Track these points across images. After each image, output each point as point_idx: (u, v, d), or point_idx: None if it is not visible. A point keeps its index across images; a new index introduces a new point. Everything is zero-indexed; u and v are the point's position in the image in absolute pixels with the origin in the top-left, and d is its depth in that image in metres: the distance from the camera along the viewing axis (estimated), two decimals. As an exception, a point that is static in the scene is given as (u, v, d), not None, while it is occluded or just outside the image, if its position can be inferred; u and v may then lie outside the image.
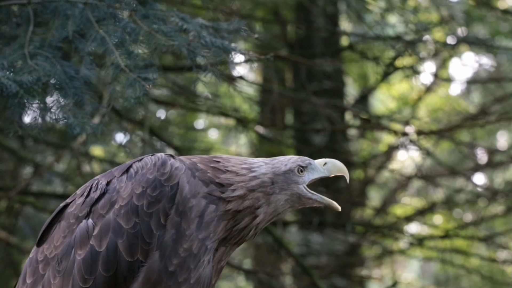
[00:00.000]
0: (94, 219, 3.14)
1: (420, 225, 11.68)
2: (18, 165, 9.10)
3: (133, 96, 4.23)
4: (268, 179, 3.28)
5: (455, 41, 8.78)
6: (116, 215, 3.11)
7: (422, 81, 11.12)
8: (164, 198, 3.11)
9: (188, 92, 8.98)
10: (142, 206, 3.09)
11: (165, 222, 3.10)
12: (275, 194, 3.28)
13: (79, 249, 3.13)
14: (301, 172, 3.36)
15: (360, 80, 11.51)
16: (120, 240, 3.09)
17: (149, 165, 3.17)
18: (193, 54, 4.36)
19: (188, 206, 3.14)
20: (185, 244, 3.13)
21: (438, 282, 12.76)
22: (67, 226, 3.20)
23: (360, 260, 10.68)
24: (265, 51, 5.51)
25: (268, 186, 3.27)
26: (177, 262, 3.13)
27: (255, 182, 3.26)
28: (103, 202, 3.16)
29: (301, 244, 9.36)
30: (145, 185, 3.12)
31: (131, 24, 4.40)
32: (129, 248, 3.08)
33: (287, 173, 3.32)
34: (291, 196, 3.31)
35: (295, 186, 3.32)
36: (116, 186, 3.16)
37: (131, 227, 3.09)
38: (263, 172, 3.30)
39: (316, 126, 9.70)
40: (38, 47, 4.40)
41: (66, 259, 3.15)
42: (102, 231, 3.11)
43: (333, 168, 3.46)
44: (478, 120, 10.08)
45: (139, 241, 3.08)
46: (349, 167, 10.41)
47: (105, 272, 3.09)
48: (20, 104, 4.19)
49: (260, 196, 3.26)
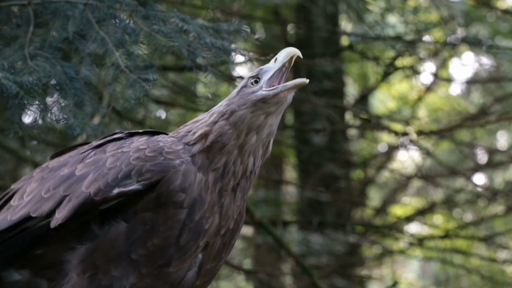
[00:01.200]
0: (97, 151, 3.16)
1: (420, 225, 11.68)
2: (18, 165, 9.10)
3: (134, 97, 4.23)
4: (224, 107, 3.19)
5: (455, 41, 8.78)
6: (112, 155, 3.10)
7: (422, 81, 11.14)
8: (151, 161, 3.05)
9: (188, 92, 8.99)
10: (130, 157, 3.07)
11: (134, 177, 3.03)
12: (235, 113, 3.15)
13: (67, 168, 3.14)
14: (255, 83, 3.21)
15: (360, 80, 11.51)
16: (92, 174, 3.05)
17: (168, 139, 3.16)
18: (193, 55, 4.36)
19: (172, 199, 3.06)
20: (155, 239, 3.06)
21: (438, 282, 12.76)
22: (77, 152, 3.23)
23: (360, 260, 10.68)
24: (265, 51, 5.50)
25: (226, 112, 3.17)
26: (143, 253, 3.06)
27: (213, 117, 3.18)
28: (115, 143, 3.17)
29: (301, 244, 9.36)
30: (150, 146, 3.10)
31: (131, 25, 4.40)
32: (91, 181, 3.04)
33: (240, 91, 3.21)
34: (255, 106, 3.17)
35: (253, 95, 3.18)
36: (134, 139, 3.17)
37: (108, 168, 3.05)
38: (218, 106, 3.22)
39: (316, 126, 9.70)
40: (38, 48, 4.40)
41: (54, 171, 3.17)
42: (92, 162, 3.11)
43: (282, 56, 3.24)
44: (478, 120, 10.09)
45: (101, 180, 3.03)
46: (349, 167, 10.44)
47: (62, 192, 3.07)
48: (20, 105, 4.19)
49: (223, 124, 3.15)
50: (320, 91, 9.73)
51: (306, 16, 9.97)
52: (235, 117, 3.15)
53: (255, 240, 9.93)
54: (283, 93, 3.19)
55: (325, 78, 9.92)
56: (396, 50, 8.60)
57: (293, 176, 11.51)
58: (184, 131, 3.22)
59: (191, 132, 3.18)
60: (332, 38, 10.14)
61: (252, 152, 3.19)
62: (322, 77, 9.91)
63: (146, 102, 5.14)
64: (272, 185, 10.62)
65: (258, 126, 3.18)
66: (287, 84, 3.20)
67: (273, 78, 3.22)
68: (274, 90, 3.18)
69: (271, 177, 10.31)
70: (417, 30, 8.42)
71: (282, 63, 3.23)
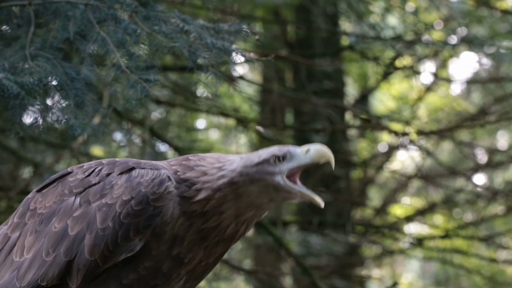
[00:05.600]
0: (81, 201, 3.15)
1: (420, 225, 11.68)
2: (18, 165, 9.10)
3: (135, 98, 4.23)
4: (237, 174, 3.03)
5: (455, 41, 8.78)
6: (98, 209, 3.09)
7: (422, 81, 11.13)
8: (143, 216, 3.05)
9: (188, 92, 8.99)
10: (120, 214, 3.06)
11: (134, 237, 3.05)
12: (244, 187, 3.02)
13: (57, 222, 3.15)
14: (278, 162, 3.04)
15: (360, 80, 11.50)
16: (88, 235, 3.08)
17: (148, 177, 3.10)
18: (194, 56, 4.36)
19: (164, 230, 3.06)
20: (147, 262, 3.08)
21: (438, 282, 12.77)
22: (60, 194, 3.21)
23: (360, 260, 10.68)
24: (265, 52, 5.52)
25: (237, 182, 3.03)
26: (134, 278, 3.09)
27: (222, 181, 3.04)
28: (96, 189, 3.14)
29: (301, 245, 9.36)
30: (133, 196, 3.07)
31: (132, 25, 4.40)
32: (91, 247, 3.06)
33: (260, 164, 3.03)
34: (266, 188, 3.02)
35: (269, 177, 3.01)
36: (113, 181, 3.14)
37: (102, 228, 3.07)
38: (232, 168, 3.05)
39: (316, 126, 9.69)
40: (39, 48, 4.40)
41: (45, 224, 3.17)
42: (81, 217, 3.11)
43: (315, 154, 3.06)
44: (478, 120, 10.09)
45: (103, 245, 3.05)
46: (349, 167, 10.44)
47: (64, 256, 3.09)
48: (21, 105, 4.19)
49: (228, 193, 3.04)
50: (320, 91, 9.73)
51: (306, 16, 9.97)
52: (243, 190, 3.04)
53: (255, 240, 9.93)
54: (297, 194, 3.06)
55: (325, 78, 9.92)
56: (396, 50, 8.60)
57: (293, 176, 11.47)
58: (190, 176, 3.10)
59: (195, 187, 3.07)
60: (332, 38, 10.14)
61: (247, 222, 3.12)
62: (322, 77, 9.91)
63: (147, 102, 5.14)
64: (272, 185, 10.59)
65: (260, 205, 3.08)
66: (306, 192, 3.05)
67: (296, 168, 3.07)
68: (292, 187, 3.04)
69: (271, 177, 10.28)
70: (417, 30, 8.42)
71: (312, 161, 3.08)
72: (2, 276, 3.20)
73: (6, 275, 3.19)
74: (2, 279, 3.19)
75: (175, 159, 3.23)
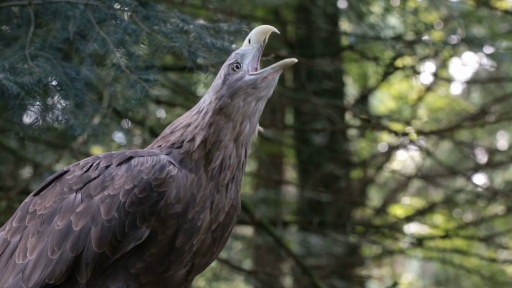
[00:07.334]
0: (83, 196, 3.15)
1: (420, 225, 11.68)
2: (18, 165, 9.10)
3: (134, 98, 4.23)
4: (216, 101, 3.12)
5: (455, 41, 8.78)
6: (101, 201, 3.10)
7: (422, 81, 11.13)
8: (148, 202, 3.07)
9: (188, 92, 8.98)
10: (124, 203, 3.07)
11: (141, 225, 3.06)
12: (229, 105, 3.10)
13: (60, 220, 3.15)
14: (237, 68, 3.14)
15: (360, 80, 11.50)
16: (94, 228, 3.08)
17: (148, 164, 3.12)
18: (194, 55, 4.36)
19: (170, 212, 3.08)
20: (153, 249, 3.10)
21: (438, 282, 12.76)
22: (59, 193, 3.22)
23: (360, 260, 10.68)
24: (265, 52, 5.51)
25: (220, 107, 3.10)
26: (141, 266, 3.11)
27: (208, 115, 3.12)
28: (96, 183, 3.15)
29: (301, 245, 9.36)
30: (136, 184, 3.08)
31: (132, 25, 4.40)
32: (98, 239, 3.07)
33: (225, 80, 3.12)
34: (246, 93, 3.11)
35: (240, 82, 3.11)
36: (113, 173, 3.14)
37: (108, 220, 3.07)
38: (208, 101, 3.13)
39: (316, 126, 9.70)
40: (39, 48, 4.40)
41: (47, 224, 3.18)
42: (84, 211, 3.12)
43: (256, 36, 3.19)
44: (478, 120, 10.09)
45: (110, 236, 3.06)
46: (349, 167, 10.44)
47: (71, 252, 3.09)
48: (21, 106, 4.19)
49: (219, 119, 3.11)
50: (320, 91, 9.73)
51: (306, 16, 9.97)
52: (229, 108, 3.11)
53: (255, 240, 9.93)
54: (272, 75, 3.16)
55: (325, 78, 9.92)
56: (396, 50, 8.61)
57: (293, 176, 11.51)
58: (176, 139, 3.16)
59: (187, 140, 3.14)
60: (332, 38, 10.14)
61: (245, 142, 3.16)
62: (322, 77, 9.90)
63: (146, 102, 5.15)
64: (272, 185, 10.62)
65: (250, 113, 3.13)
66: (275, 66, 3.16)
67: (253, 60, 3.17)
68: (263, 73, 3.15)
69: (271, 177, 10.31)
70: (417, 30, 8.42)
71: (258, 43, 3.20)
72: (5, 281, 3.20)
73: (10, 278, 3.19)
74: (6, 283, 3.19)
75: (152, 143, 3.26)
